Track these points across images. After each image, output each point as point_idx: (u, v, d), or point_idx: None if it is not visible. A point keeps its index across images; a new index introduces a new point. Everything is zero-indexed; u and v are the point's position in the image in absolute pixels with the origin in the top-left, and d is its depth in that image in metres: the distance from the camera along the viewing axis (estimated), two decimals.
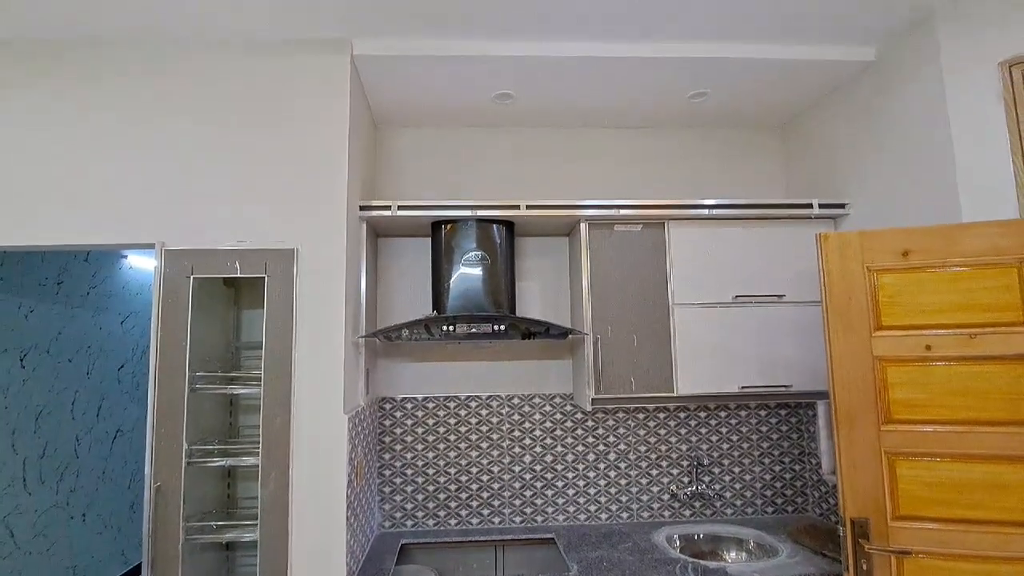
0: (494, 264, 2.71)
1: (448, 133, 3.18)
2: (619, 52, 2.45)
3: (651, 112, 3.07)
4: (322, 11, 2.20)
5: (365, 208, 2.59)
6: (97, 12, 2.18)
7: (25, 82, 2.33)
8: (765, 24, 2.33)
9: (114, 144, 2.31)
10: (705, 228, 2.74)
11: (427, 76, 2.61)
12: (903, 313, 2.04)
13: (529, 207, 2.64)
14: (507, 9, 2.19)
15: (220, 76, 2.37)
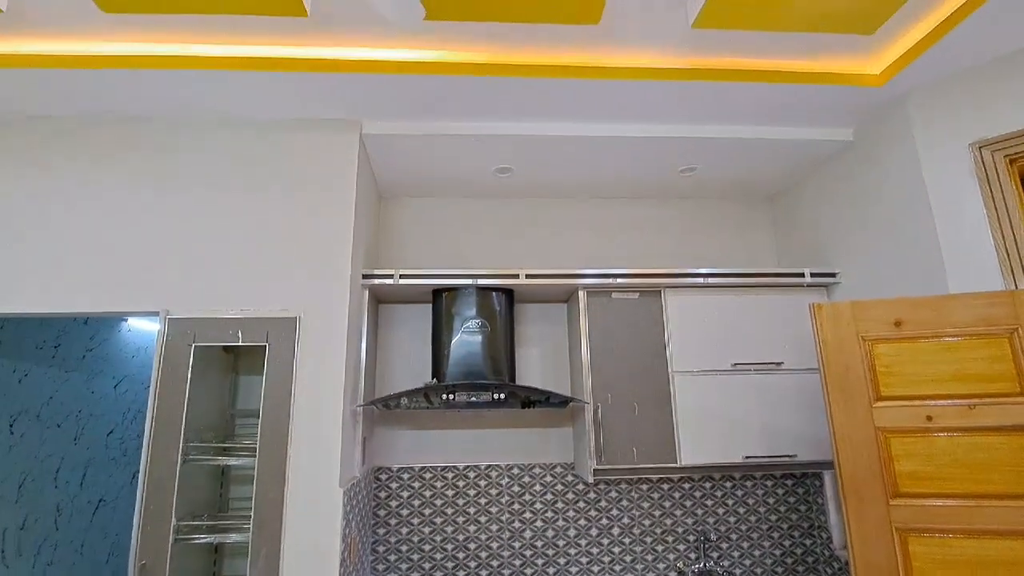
0: (494, 331, 2.74)
1: (450, 203, 3.30)
2: (611, 132, 2.60)
3: (644, 184, 3.21)
4: (336, 98, 2.36)
5: (368, 276, 2.64)
6: (115, 94, 2.32)
7: (36, 155, 2.43)
8: (747, 108, 2.49)
9: (123, 214, 2.39)
10: (701, 296, 2.79)
11: (430, 152, 2.75)
12: (901, 383, 2.05)
13: (529, 276, 2.70)
14: (504, 96, 2.35)
15: (230, 150, 2.49)
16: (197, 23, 2.00)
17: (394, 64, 2.17)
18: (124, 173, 2.44)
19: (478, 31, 2.04)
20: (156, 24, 2.01)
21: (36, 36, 2.07)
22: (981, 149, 2.18)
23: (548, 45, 2.13)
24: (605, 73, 2.21)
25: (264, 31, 2.05)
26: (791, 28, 2.03)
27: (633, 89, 2.30)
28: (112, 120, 2.48)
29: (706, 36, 2.08)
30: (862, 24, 2.02)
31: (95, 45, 2.11)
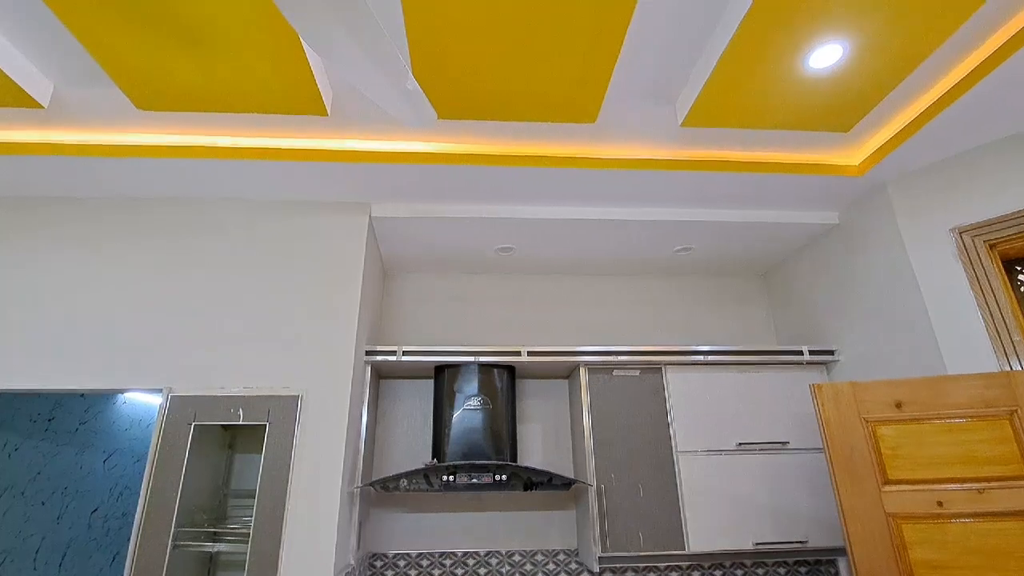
0: (495, 408, 2.73)
1: (452, 279, 3.39)
2: (607, 215, 2.73)
3: (641, 262, 3.31)
4: (349, 185, 2.50)
5: (371, 353, 2.67)
6: (138, 180, 2.46)
7: (51, 233, 2.52)
8: (735, 194, 2.64)
9: (133, 291, 2.45)
10: (702, 373, 2.81)
11: (435, 231, 2.87)
12: (909, 466, 2.03)
13: (531, 353, 2.73)
14: (506, 183, 2.49)
15: (241, 230, 2.59)
16: (224, 120, 2.17)
17: (404, 155, 2.32)
18: (134, 252, 2.53)
19: (484, 128, 2.21)
20: (185, 120, 2.18)
21: (73, 128, 2.24)
22: (962, 234, 2.29)
23: (549, 139, 2.29)
24: (600, 164, 2.36)
25: (287, 127, 2.22)
26: (772, 127, 2.20)
27: (627, 178, 2.45)
28: (125, 201, 2.60)
29: (694, 133, 2.25)
30: (838, 123, 2.19)
31: (126, 136, 2.27)
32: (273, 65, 1.86)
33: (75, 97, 2.12)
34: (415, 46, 1.78)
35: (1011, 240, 2.21)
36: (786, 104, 2.06)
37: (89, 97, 2.12)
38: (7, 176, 2.40)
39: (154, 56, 1.82)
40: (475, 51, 1.79)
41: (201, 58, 1.83)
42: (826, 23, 1.69)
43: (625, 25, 1.68)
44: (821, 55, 1.81)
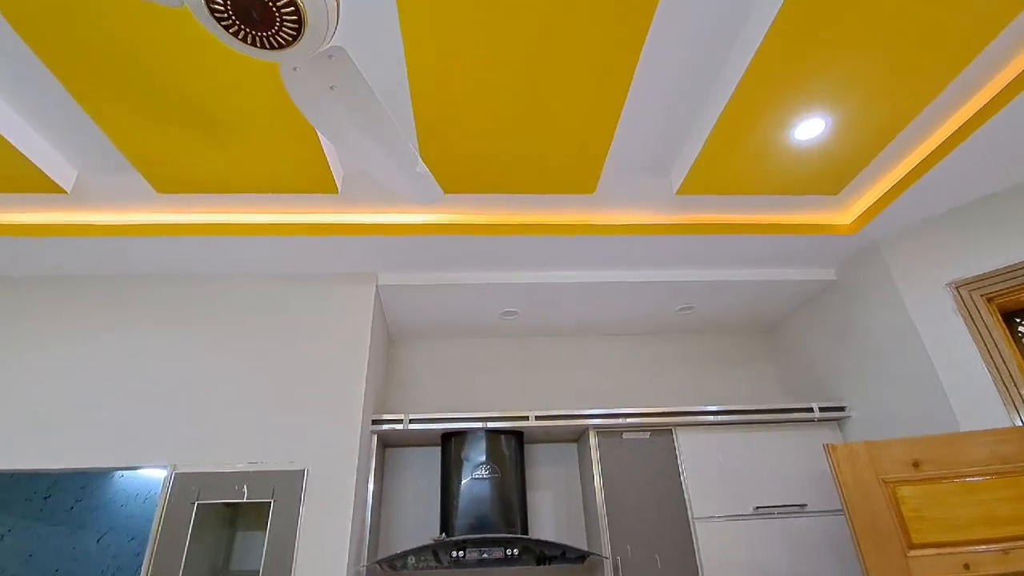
0: (504, 476, 2.67)
1: (458, 345, 3.40)
2: (608, 278, 2.78)
3: (645, 322, 3.34)
4: (356, 256, 2.57)
5: (377, 422, 2.65)
6: (153, 257, 2.53)
7: (49, 313, 2.55)
8: (731, 255, 2.70)
9: (137, 367, 2.46)
10: (712, 434, 2.76)
11: (440, 298, 2.91)
12: (933, 529, 1.97)
13: (538, 417, 2.70)
14: (509, 251, 2.56)
15: (248, 302, 2.63)
16: (239, 199, 2.27)
17: (411, 227, 2.40)
18: (142, 328, 2.55)
19: (488, 200, 2.31)
20: (202, 201, 2.27)
21: (93, 210, 2.33)
22: (959, 289, 2.33)
23: (550, 209, 2.38)
24: (600, 230, 2.44)
25: (299, 205, 2.31)
26: (764, 193, 2.29)
27: (626, 243, 2.52)
28: (136, 279, 2.66)
29: (689, 200, 2.34)
30: (827, 187, 2.29)
31: (143, 217, 2.36)
32: (287, 150, 1.97)
33: (97, 182, 2.22)
34: (423, 128, 1.89)
35: (1008, 293, 2.24)
36: (775, 172, 2.15)
37: (111, 182, 2.22)
38: (27, 256, 2.47)
39: (173, 145, 1.93)
40: (479, 131, 1.90)
41: (218, 145, 1.94)
42: (808, 100, 1.80)
43: (621, 103, 1.80)
44: (805, 128, 1.92)
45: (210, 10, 0.99)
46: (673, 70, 1.80)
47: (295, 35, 1.03)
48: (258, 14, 1.00)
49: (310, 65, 1.17)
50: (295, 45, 1.06)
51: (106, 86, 1.70)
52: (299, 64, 1.16)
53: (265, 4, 0.98)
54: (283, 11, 0.99)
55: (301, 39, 1.04)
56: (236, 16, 1.00)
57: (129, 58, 1.60)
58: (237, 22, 1.01)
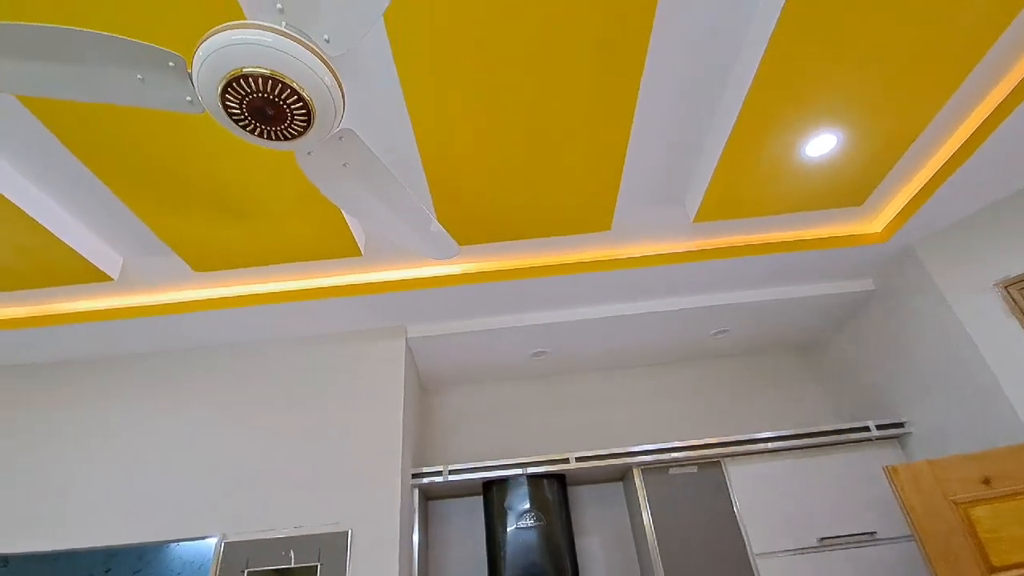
0: (550, 523, 2.60)
1: (491, 390, 3.39)
2: (638, 310, 2.76)
3: (680, 350, 3.26)
4: (384, 312, 2.63)
5: (417, 476, 2.64)
6: (180, 333, 2.65)
7: (96, 394, 2.68)
8: (760, 275, 2.64)
9: (183, 441, 2.54)
10: (764, 463, 2.64)
11: (469, 345, 2.93)
12: (1013, 549, 1.82)
13: (579, 459, 2.65)
14: (532, 293, 2.58)
15: (285, 368, 2.71)
16: (269, 270, 2.37)
17: (434, 279, 2.45)
18: (184, 401, 2.65)
19: (507, 247, 2.34)
20: (235, 275, 2.39)
21: (137, 292, 2.47)
22: (1008, 288, 2.21)
23: (569, 248, 2.40)
24: (620, 264, 2.43)
25: (325, 269, 2.40)
26: (784, 211, 2.26)
27: (648, 274, 2.50)
28: (177, 354, 2.78)
29: (709, 226, 2.32)
30: (849, 199, 2.24)
31: (182, 294, 2.48)
32: (311, 222, 2.06)
33: (140, 266, 2.37)
34: (435, 188, 1.96)
35: None
36: (792, 190, 2.13)
37: (153, 265, 2.36)
38: (79, 341, 2.63)
39: (206, 227, 2.06)
40: (488, 185, 1.96)
41: (247, 224, 2.05)
42: (815, 117, 1.79)
43: (625, 140, 1.83)
44: (816, 145, 1.90)
45: (228, 114, 1.08)
46: (673, 102, 1.83)
47: (305, 126, 1.10)
48: (271, 111, 1.08)
49: (323, 148, 1.24)
50: (306, 134, 1.13)
51: (141, 180, 1.84)
52: (312, 149, 1.23)
53: (276, 103, 1.05)
54: (293, 107, 1.06)
55: (311, 129, 1.11)
56: (251, 116, 1.08)
57: (160, 154, 1.73)
58: (253, 121, 1.09)
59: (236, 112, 1.07)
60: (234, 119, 1.09)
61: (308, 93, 1.04)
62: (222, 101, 1.05)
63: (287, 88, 1.03)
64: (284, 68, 1.00)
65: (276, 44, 0.98)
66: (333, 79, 1.05)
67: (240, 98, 1.05)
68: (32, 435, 2.59)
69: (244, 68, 1.00)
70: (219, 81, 1.02)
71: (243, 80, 1.01)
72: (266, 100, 1.05)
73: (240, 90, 1.03)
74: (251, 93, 1.04)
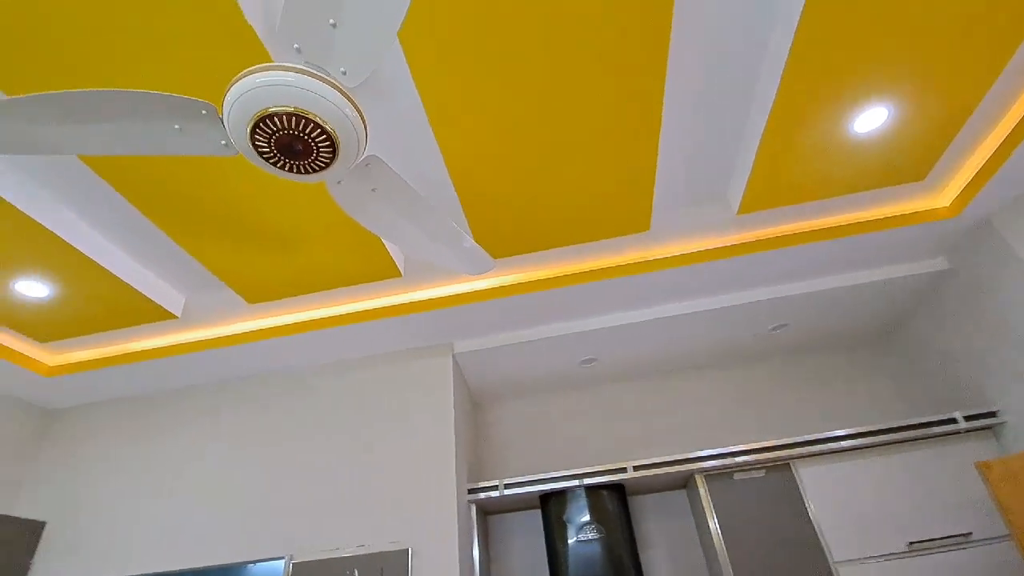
0: (611, 535, 2.53)
1: (541, 401, 3.35)
2: (686, 309, 2.65)
3: (736, 350, 3.11)
4: (430, 329, 2.66)
5: (473, 491, 2.63)
6: (239, 363, 2.76)
7: (162, 426, 2.83)
8: (821, 263, 2.48)
9: (246, 466, 2.64)
10: (839, 463, 2.47)
11: (517, 357, 2.91)
12: None
13: (637, 468, 2.57)
14: (577, 300, 2.53)
15: (336, 392, 2.77)
16: (316, 297, 2.45)
17: (476, 294, 2.46)
18: (246, 429, 2.76)
19: (546, 256, 2.32)
20: (286, 304, 2.48)
21: (198, 328, 2.61)
22: None
23: (610, 252, 2.35)
24: (663, 264, 2.35)
25: (368, 292, 2.45)
26: (837, 194, 2.12)
27: (693, 271, 2.40)
28: (235, 383, 2.90)
29: (754, 217, 2.21)
30: (909, 174, 2.07)
31: (239, 326, 2.60)
32: (350, 248, 2.12)
33: (200, 303, 2.50)
34: (466, 204, 1.96)
35: None
36: (844, 170, 1.99)
37: (210, 301, 2.49)
38: (141, 379, 2.80)
39: (254, 261, 2.15)
40: (519, 196, 1.95)
41: (291, 255, 2.13)
42: (860, 90, 1.68)
43: (656, 136, 1.77)
44: (866, 120, 1.78)
45: (259, 153, 1.12)
46: (703, 89, 1.76)
47: (331, 157, 1.13)
48: (299, 146, 1.11)
49: (351, 176, 1.27)
50: (333, 165, 1.15)
51: (192, 223, 1.95)
52: (341, 178, 1.26)
53: (302, 138, 1.08)
54: (318, 140, 1.09)
55: (337, 159, 1.13)
56: (280, 153, 1.12)
57: (205, 197, 1.83)
58: (282, 158, 1.13)
59: (266, 150, 1.11)
60: (265, 157, 1.13)
61: (331, 125, 1.07)
62: (252, 141, 1.09)
63: (310, 123, 1.05)
64: (306, 104, 1.03)
65: (296, 82, 1.01)
66: (354, 109, 1.07)
67: (268, 136, 1.08)
68: (121, 467, 2.78)
69: (269, 108, 1.04)
70: (248, 122, 1.06)
71: (269, 119, 1.05)
72: (292, 136, 1.08)
73: (268, 129, 1.07)
74: (278, 131, 1.07)
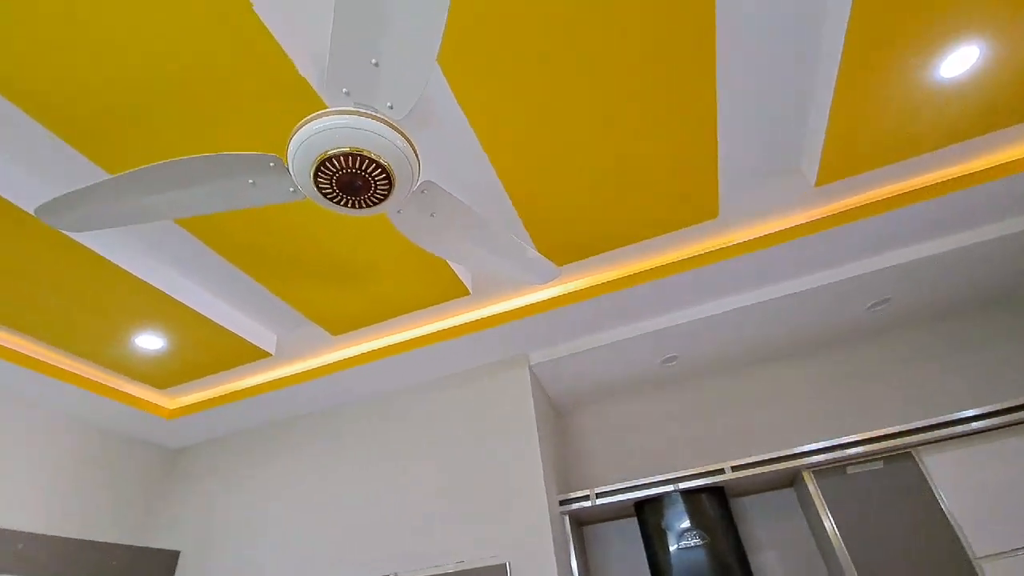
0: (715, 541, 2.39)
1: (625, 404, 3.26)
2: (774, 294, 2.48)
3: (830, 332, 2.86)
4: (504, 343, 2.67)
5: (565, 502, 2.60)
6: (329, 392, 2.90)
7: (262, 458, 3.02)
8: (927, 225, 2.21)
9: (346, 491, 2.77)
10: (972, 448, 2.20)
11: (595, 361, 2.85)
12: None
13: (735, 468, 2.42)
14: (649, 297, 2.44)
15: (420, 415, 2.84)
16: (394, 323, 2.55)
17: (546, 303, 2.44)
18: (341, 454, 2.90)
19: (613, 256, 2.27)
20: (366, 333, 2.60)
21: (293, 362, 2.79)
22: None
23: (677, 246, 2.26)
24: (738, 250, 2.21)
25: (441, 313, 2.52)
26: (929, 149, 1.91)
27: (771, 254, 2.24)
28: (328, 411, 3.06)
29: (836, 186, 2.04)
30: (1014, 115, 1.83)
31: (327, 357, 2.75)
32: (417, 272, 2.19)
33: (289, 339, 2.68)
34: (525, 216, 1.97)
35: None
36: (936, 121, 1.79)
37: (298, 337, 2.66)
38: (248, 414, 3.02)
39: (334, 297, 2.28)
40: (579, 198, 1.92)
41: (364, 286, 2.24)
42: (944, 31, 1.50)
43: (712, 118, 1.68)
44: (953, 62, 1.59)
45: (323, 194, 1.18)
46: (757, 51, 1.65)
47: (388, 188, 1.17)
48: (359, 183, 1.16)
49: (409, 204, 1.31)
50: (391, 196, 1.20)
51: (276, 268, 2.10)
52: (401, 207, 1.31)
53: (360, 174, 1.13)
54: (374, 175, 1.13)
55: (394, 190, 1.17)
56: (342, 191, 1.17)
57: (285, 243, 1.96)
58: (345, 196, 1.18)
59: (329, 191, 1.17)
60: (329, 197, 1.19)
61: (384, 159, 1.11)
62: (316, 184, 1.16)
63: (366, 159, 1.10)
64: (359, 142, 1.08)
65: (348, 123, 1.06)
66: (404, 140, 1.11)
67: (330, 177, 1.14)
68: (241, 496, 3.02)
69: (328, 151, 1.10)
70: (310, 167, 1.13)
71: (329, 162, 1.11)
72: (351, 174, 1.14)
73: (329, 170, 1.13)
74: (338, 171, 1.13)
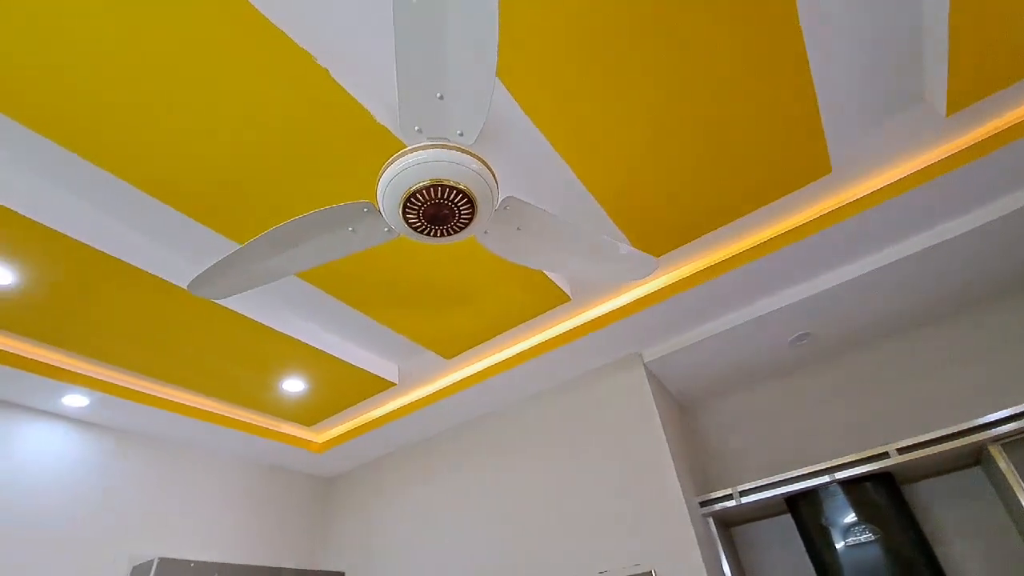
0: (890, 535, 2.11)
1: (757, 392, 3.00)
2: (916, 247, 2.16)
3: (997, 281, 2.41)
4: (615, 342, 2.61)
5: (706, 503, 2.45)
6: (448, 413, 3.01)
7: (409, 479, 3.17)
8: None
9: (483, 506, 2.84)
10: None
11: (714, 349, 2.67)
12: None
13: (902, 450, 2.12)
14: (765, 273, 2.24)
15: (542, 426, 2.85)
16: (503, 339, 2.60)
17: (649, 297, 2.35)
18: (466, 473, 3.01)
19: (716, 236, 2.13)
20: (477, 352, 2.68)
21: (415, 388, 2.95)
22: None
23: (789, 212, 2.06)
24: (864, 204, 1.96)
25: (546, 322, 2.53)
26: None
27: (909, 200, 1.96)
28: (453, 429, 3.20)
29: (974, 110, 1.73)
30: None
31: (443, 381, 2.87)
32: (516, 287, 2.21)
33: (408, 368, 2.83)
34: (612, 210, 1.91)
35: None
36: None
37: (416, 364, 2.80)
38: (384, 440, 3.23)
39: (442, 322, 2.38)
40: (668, 183, 1.83)
41: (469, 308, 2.31)
42: None
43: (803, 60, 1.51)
44: None
45: (414, 228, 1.24)
46: None
47: (472, 212, 1.19)
48: (445, 212, 1.20)
49: (495, 223, 1.32)
50: (476, 218, 1.22)
51: (387, 304, 2.24)
52: (487, 227, 1.33)
53: (444, 203, 1.17)
54: (457, 201, 1.16)
55: (477, 213, 1.20)
56: (430, 223, 1.22)
57: (390, 279, 2.09)
58: (433, 226, 1.23)
59: (417, 224, 1.22)
60: (419, 231, 1.24)
61: (463, 184, 1.13)
62: (405, 220, 1.21)
63: (446, 188, 1.13)
64: (437, 173, 1.11)
65: (424, 158, 1.10)
66: (479, 163, 1.13)
67: (417, 211, 1.19)
68: (394, 515, 3.25)
69: (411, 187, 1.15)
70: (398, 206, 1.19)
71: (413, 197, 1.16)
72: (436, 204, 1.18)
73: (415, 205, 1.18)
74: (423, 204, 1.17)
